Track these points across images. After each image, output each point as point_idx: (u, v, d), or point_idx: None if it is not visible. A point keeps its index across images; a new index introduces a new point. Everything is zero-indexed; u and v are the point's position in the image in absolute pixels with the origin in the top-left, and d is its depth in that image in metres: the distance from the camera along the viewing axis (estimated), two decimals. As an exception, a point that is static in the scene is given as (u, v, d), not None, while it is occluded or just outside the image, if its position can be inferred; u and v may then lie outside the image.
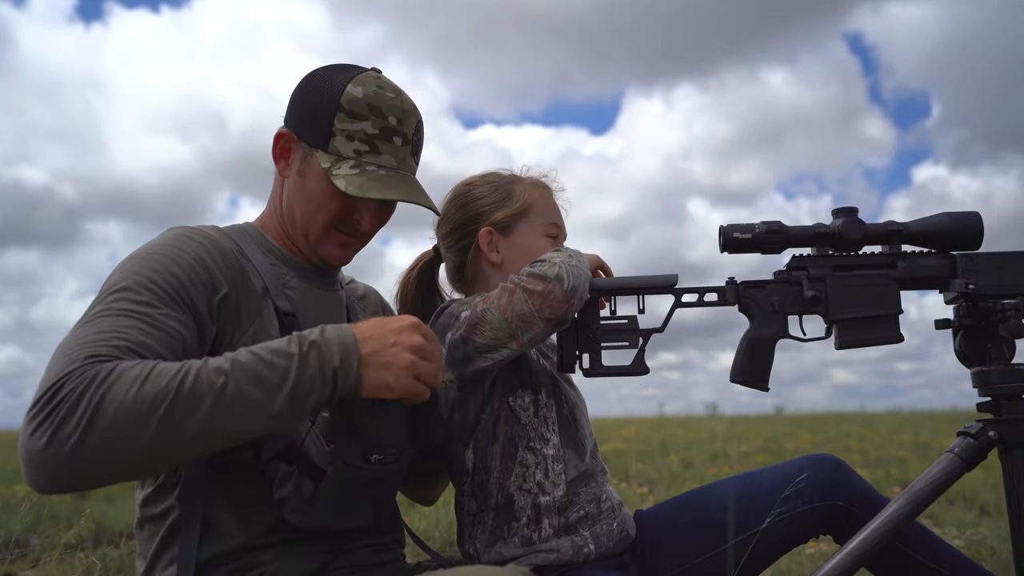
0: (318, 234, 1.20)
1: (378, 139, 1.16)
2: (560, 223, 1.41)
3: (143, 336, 0.94)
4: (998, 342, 1.26)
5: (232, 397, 0.87)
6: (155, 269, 1.03)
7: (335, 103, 1.15)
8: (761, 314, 1.29)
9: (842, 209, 1.29)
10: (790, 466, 1.36)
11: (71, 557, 2.70)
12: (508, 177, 1.41)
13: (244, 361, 0.90)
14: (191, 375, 0.87)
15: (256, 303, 1.13)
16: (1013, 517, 1.23)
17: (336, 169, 1.14)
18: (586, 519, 1.26)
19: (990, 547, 2.33)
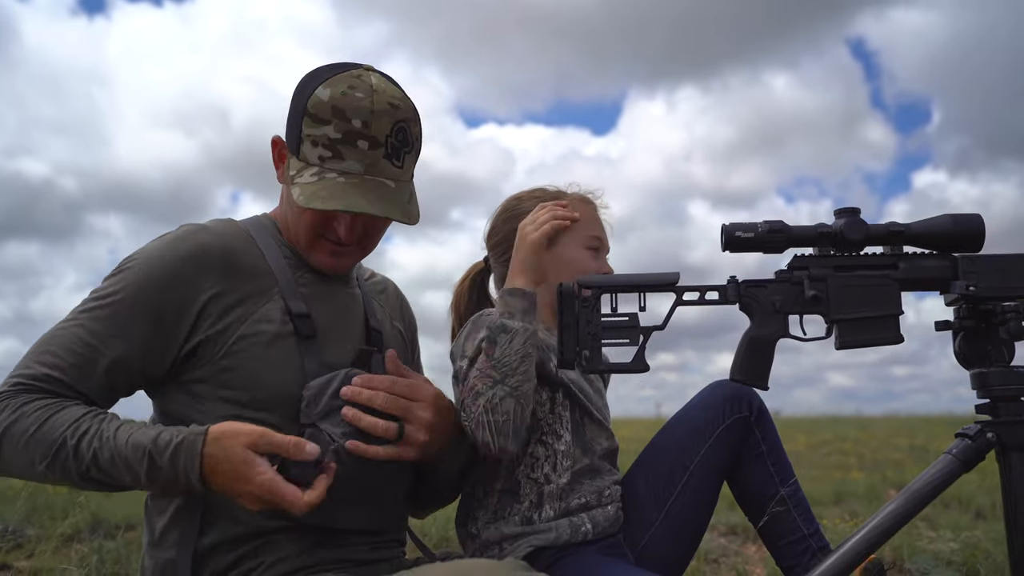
0: (307, 242, 1.19)
1: (340, 144, 1.11)
2: (603, 236, 1.46)
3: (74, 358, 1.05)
4: (998, 344, 1.26)
5: (91, 482, 1.01)
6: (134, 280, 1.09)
7: (303, 107, 1.12)
8: (762, 313, 1.29)
9: (844, 209, 1.29)
10: (703, 394, 1.44)
11: (67, 548, 2.69)
12: (554, 192, 1.48)
13: (105, 459, 0.99)
14: (63, 453, 0.99)
15: (259, 295, 1.13)
16: (1009, 519, 1.23)
17: (298, 177, 1.12)
18: (586, 506, 1.31)
19: (985, 550, 2.33)
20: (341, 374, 1.11)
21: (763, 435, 1.41)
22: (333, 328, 1.19)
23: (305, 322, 1.14)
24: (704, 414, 1.41)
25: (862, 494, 3.91)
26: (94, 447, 0.99)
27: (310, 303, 1.17)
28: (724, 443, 1.39)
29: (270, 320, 1.12)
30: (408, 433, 1.08)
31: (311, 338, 1.14)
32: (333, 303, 1.22)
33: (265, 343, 1.11)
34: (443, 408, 1.15)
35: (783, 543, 1.38)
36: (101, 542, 2.56)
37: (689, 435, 1.40)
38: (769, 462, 1.40)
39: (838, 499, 3.86)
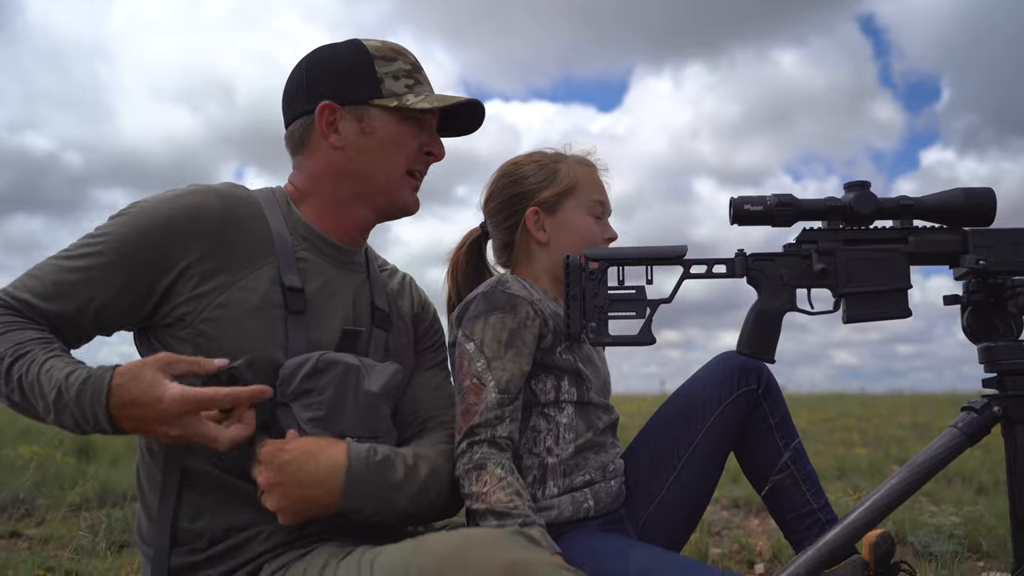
0: (398, 181, 1.23)
1: (414, 73, 1.23)
2: (605, 200, 1.43)
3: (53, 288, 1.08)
4: (1006, 318, 1.26)
5: (27, 400, 1.03)
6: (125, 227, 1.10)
7: (367, 54, 1.21)
8: (769, 286, 1.29)
9: (854, 183, 1.28)
10: (708, 367, 1.41)
11: (75, 517, 2.73)
12: (553, 156, 1.44)
13: (27, 383, 1.02)
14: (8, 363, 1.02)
15: (248, 264, 1.13)
16: (1013, 491, 1.24)
17: (405, 101, 1.19)
18: (590, 483, 1.30)
19: (987, 524, 2.35)
20: (314, 357, 1.09)
21: (771, 408, 1.39)
22: (325, 307, 1.19)
23: (296, 296, 1.14)
24: (710, 387, 1.38)
25: (865, 469, 3.93)
26: (22, 371, 1.02)
27: (305, 279, 1.17)
28: (730, 416, 1.37)
29: (254, 290, 1.12)
30: (262, 501, 1.05)
31: (300, 313, 1.14)
32: (329, 282, 1.21)
33: (245, 312, 1.10)
34: (286, 464, 1.04)
35: (791, 516, 1.37)
36: (109, 510, 2.59)
37: (694, 407, 1.38)
38: (778, 435, 1.39)
39: (841, 474, 3.88)
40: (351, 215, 1.24)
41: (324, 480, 1.04)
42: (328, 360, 1.10)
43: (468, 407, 1.23)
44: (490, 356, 1.25)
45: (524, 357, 1.27)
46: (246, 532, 1.09)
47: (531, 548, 0.91)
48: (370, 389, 1.12)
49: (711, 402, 1.37)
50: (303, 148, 1.23)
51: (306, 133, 1.22)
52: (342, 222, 1.24)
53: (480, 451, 1.20)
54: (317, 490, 1.04)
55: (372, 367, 1.15)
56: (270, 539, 1.09)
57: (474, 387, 1.24)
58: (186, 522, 1.09)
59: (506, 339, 1.26)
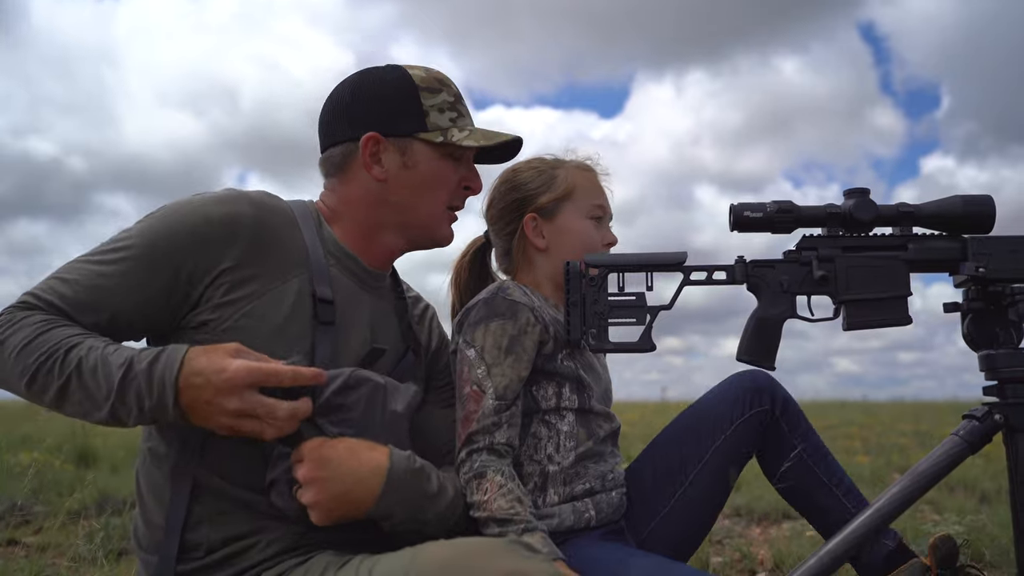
0: (439, 216, 1.24)
1: (457, 105, 1.24)
2: (604, 204, 1.43)
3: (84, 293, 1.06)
4: (1006, 326, 1.26)
5: (71, 395, 1.00)
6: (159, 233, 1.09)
7: (413, 85, 1.21)
8: (769, 293, 1.28)
9: (854, 190, 1.28)
10: (722, 386, 1.40)
11: (74, 524, 2.72)
12: (551, 162, 1.44)
13: (86, 370, 0.99)
14: (51, 360, 0.99)
15: (280, 274, 1.13)
16: (1015, 501, 1.23)
17: (451, 136, 1.20)
18: (590, 492, 1.30)
19: (990, 534, 2.34)
20: (345, 373, 1.09)
21: (791, 428, 1.37)
22: (349, 324, 1.19)
23: (327, 308, 1.14)
24: (723, 405, 1.37)
25: (867, 477, 3.91)
26: (81, 355, 0.99)
27: (333, 290, 1.17)
28: (741, 436, 1.35)
29: (283, 302, 1.12)
30: (299, 495, 1.04)
31: (329, 324, 1.14)
32: (353, 301, 1.21)
33: (272, 324, 1.10)
34: (329, 459, 1.03)
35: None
36: (108, 518, 2.58)
37: (705, 425, 1.36)
38: (811, 462, 1.37)
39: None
40: (382, 242, 1.24)
41: (365, 478, 1.04)
42: (359, 377, 1.09)
43: (467, 414, 1.24)
44: (490, 363, 1.25)
45: (523, 363, 1.27)
46: (245, 541, 1.09)
47: (530, 557, 0.91)
48: (395, 409, 1.12)
49: (723, 420, 1.35)
50: (341, 173, 1.23)
51: (347, 160, 1.21)
52: (372, 247, 1.24)
53: (480, 459, 1.20)
54: (357, 488, 1.04)
55: (396, 387, 1.15)
56: (269, 548, 1.09)
57: (474, 394, 1.24)
58: (185, 531, 1.08)
59: (506, 345, 1.26)
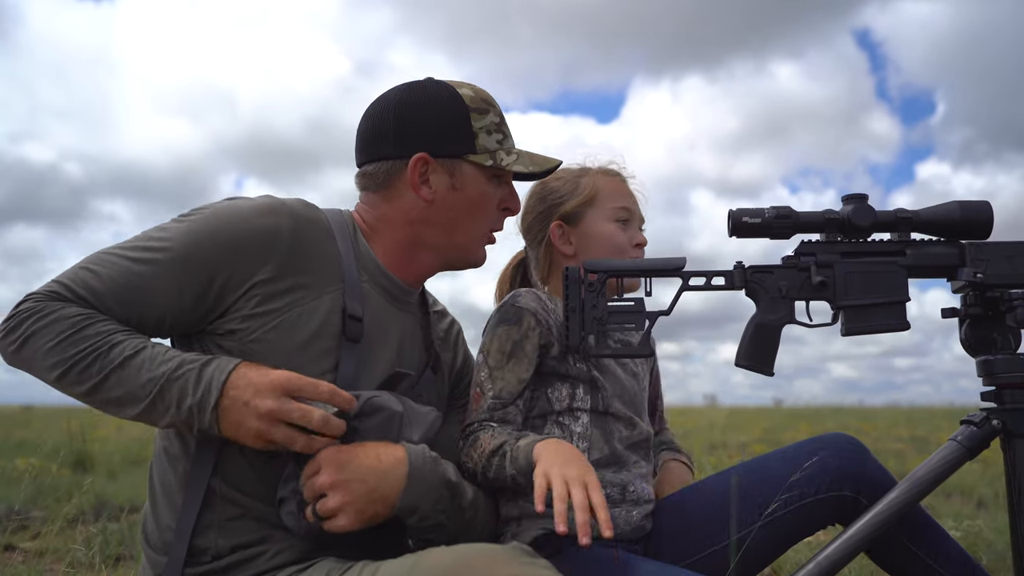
0: (480, 238, 1.25)
1: (503, 126, 1.24)
2: (631, 207, 1.43)
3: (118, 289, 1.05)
4: (1004, 332, 1.26)
5: (107, 389, 1.01)
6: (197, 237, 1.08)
7: (464, 107, 1.20)
8: (768, 299, 1.29)
9: (852, 196, 1.29)
10: (800, 450, 1.32)
11: (71, 530, 2.71)
12: (577, 170, 1.45)
13: (130, 365, 1.01)
14: (92, 355, 1.00)
15: (314, 288, 1.12)
16: (1013, 506, 1.23)
17: (500, 160, 1.21)
18: (607, 500, 1.23)
19: (986, 539, 2.34)
20: (362, 399, 1.08)
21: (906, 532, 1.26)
22: (376, 342, 1.19)
23: (356, 325, 1.14)
24: (795, 478, 1.27)
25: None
26: (126, 353, 1.01)
27: (363, 307, 1.17)
28: (808, 515, 1.26)
29: (316, 316, 1.11)
30: (321, 505, 1.02)
31: (356, 342, 1.14)
32: (383, 319, 1.21)
33: (301, 339, 1.10)
34: (347, 461, 1.03)
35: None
36: (105, 524, 2.58)
37: (766, 490, 1.27)
38: (922, 552, 1.27)
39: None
40: (419, 260, 1.24)
41: (388, 472, 1.04)
42: (375, 405, 1.09)
43: (468, 414, 1.28)
44: (493, 366, 1.27)
45: (523, 366, 1.28)
46: (253, 549, 1.09)
47: (531, 563, 0.91)
48: (410, 438, 1.11)
49: (791, 494, 1.26)
50: (385, 190, 1.21)
51: (392, 177, 1.20)
52: (407, 265, 1.24)
53: (472, 435, 1.23)
54: (382, 484, 1.04)
55: (415, 413, 1.14)
56: (276, 558, 1.09)
57: (475, 396, 1.28)
58: (194, 536, 1.08)
59: (509, 350, 1.28)
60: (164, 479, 1.12)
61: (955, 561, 1.27)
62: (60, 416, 6.87)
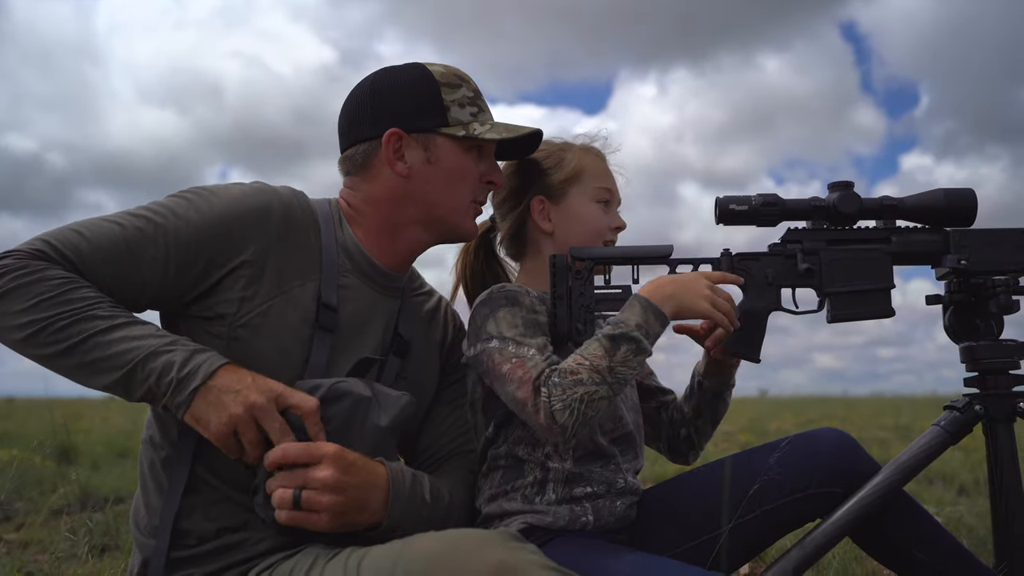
0: (463, 210, 1.24)
1: (477, 100, 1.24)
2: (612, 187, 1.39)
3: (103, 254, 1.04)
4: (987, 318, 1.27)
5: (83, 352, 0.99)
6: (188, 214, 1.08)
7: (434, 81, 1.21)
8: (755, 286, 1.29)
9: (838, 183, 1.30)
10: (791, 445, 1.29)
11: (56, 521, 2.69)
12: (560, 144, 1.40)
13: (115, 334, 0.99)
14: (71, 318, 0.99)
15: (298, 276, 1.13)
16: (994, 491, 1.25)
17: (473, 130, 1.20)
18: (592, 496, 1.24)
19: (967, 524, 2.38)
20: (326, 385, 1.07)
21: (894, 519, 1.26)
22: (358, 333, 1.19)
23: (329, 314, 1.14)
24: (785, 470, 1.25)
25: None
26: (118, 321, 1.00)
27: (343, 298, 1.17)
28: (797, 509, 1.25)
29: (298, 305, 1.12)
30: (307, 498, 1.00)
31: (329, 331, 1.14)
32: (367, 308, 1.21)
33: (286, 326, 1.11)
34: (351, 464, 1.03)
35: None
36: (90, 515, 2.56)
37: (752, 483, 1.25)
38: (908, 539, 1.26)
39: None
40: (406, 238, 1.24)
41: (375, 485, 1.05)
42: (340, 391, 1.07)
43: (521, 380, 1.15)
44: (516, 338, 1.19)
45: (541, 339, 1.21)
46: (238, 535, 1.09)
47: (519, 548, 0.91)
48: (378, 423, 1.09)
49: (781, 487, 1.25)
50: (364, 171, 1.22)
51: (369, 157, 1.21)
52: (394, 245, 1.23)
53: (551, 378, 1.13)
54: (371, 496, 1.04)
55: (385, 398, 1.12)
56: (261, 544, 1.10)
57: (517, 364, 1.16)
58: (180, 519, 1.09)
59: (522, 323, 1.21)
60: (151, 466, 1.13)
61: (944, 549, 1.27)
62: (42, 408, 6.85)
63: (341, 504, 1.01)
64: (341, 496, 1.01)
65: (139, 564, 1.11)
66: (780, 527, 1.29)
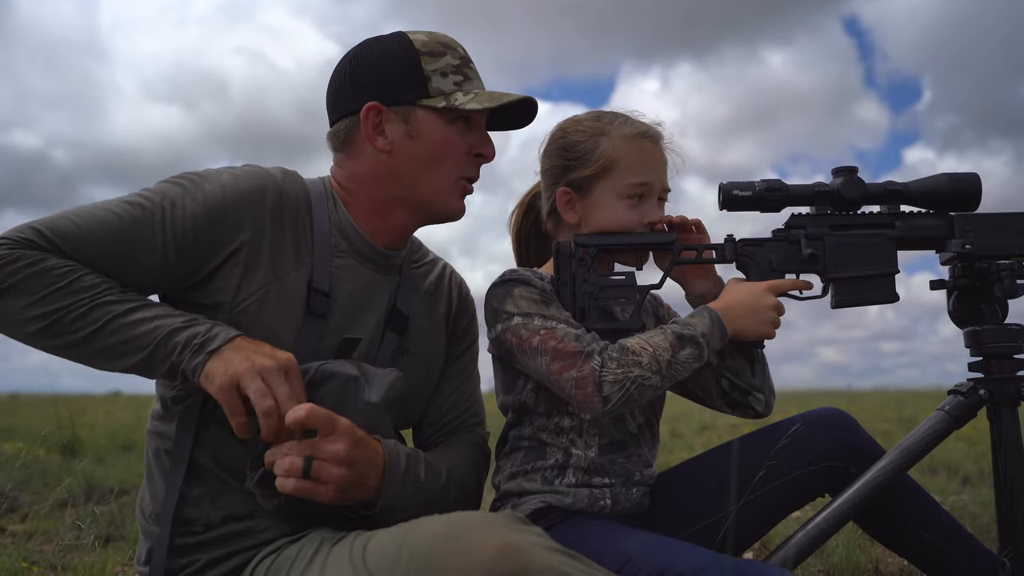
0: (449, 187, 1.19)
1: (463, 68, 1.18)
2: (650, 181, 1.29)
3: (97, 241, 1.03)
4: (991, 302, 1.27)
5: (104, 337, 0.99)
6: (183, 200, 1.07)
7: (414, 51, 1.16)
8: (759, 272, 1.29)
9: (842, 168, 1.29)
10: (791, 424, 1.31)
11: (60, 512, 2.70)
12: (600, 127, 1.31)
13: (134, 316, 1.00)
14: (87, 305, 0.99)
15: (293, 260, 1.12)
16: (998, 475, 1.25)
17: (454, 101, 1.15)
18: (610, 486, 1.25)
19: (971, 512, 2.38)
20: (312, 368, 1.07)
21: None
22: (356, 314, 1.18)
23: (320, 300, 1.13)
24: (787, 449, 1.27)
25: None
26: (131, 305, 1.00)
27: (336, 281, 1.16)
28: (799, 487, 1.27)
29: (294, 290, 1.12)
30: (318, 468, 0.99)
31: (320, 317, 1.13)
32: (365, 288, 1.19)
33: (282, 311, 1.10)
34: (360, 440, 1.03)
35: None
36: (95, 506, 2.57)
37: (757, 463, 1.26)
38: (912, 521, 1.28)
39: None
40: (393, 218, 1.21)
41: (375, 462, 1.05)
42: (326, 372, 1.07)
43: (556, 351, 1.14)
44: (540, 312, 1.19)
45: (565, 312, 1.21)
46: (244, 523, 1.10)
47: (524, 530, 0.91)
48: (370, 400, 1.09)
49: (781, 467, 1.27)
50: (347, 147, 1.20)
51: (351, 133, 1.18)
52: (385, 224, 1.21)
53: (608, 351, 1.14)
54: (371, 471, 1.05)
55: (373, 376, 1.11)
56: (268, 531, 1.10)
57: (548, 335, 1.16)
58: (187, 507, 1.09)
59: (540, 299, 1.21)
60: (156, 455, 1.14)
61: (945, 529, 1.29)
62: (47, 404, 6.84)
63: (347, 479, 1.01)
64: (350, 470, 1.01)
65: (145, 551, 1.12)
66: (783, 505, 1.30)
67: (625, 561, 1.08)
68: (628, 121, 1.32)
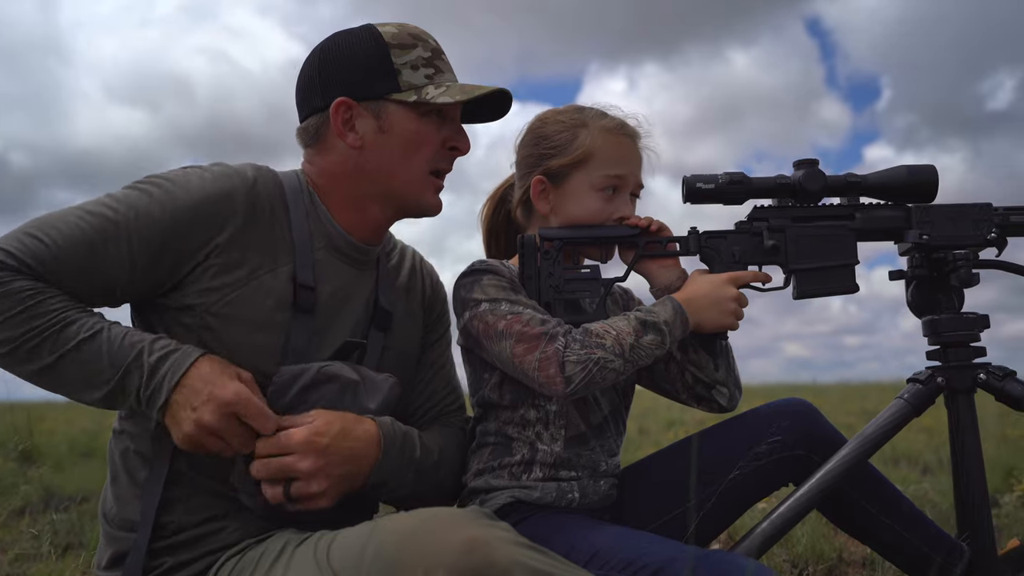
0: (421, 182, 1.18)
1: (435, 60, 1.17)
2: (624, 174, 1.30)
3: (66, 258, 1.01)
4: (948, 292, 1.30)
5: (60, 371, 0.98)
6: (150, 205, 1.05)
7: (383, 44, 1.14)
8: (722, 264, 1.30)
9: (803, 161, 1.31)
10: (757, 416, 1.33)
11: (17, 521, 2.63)
12: (579, 119, 1.31)
13: (88, 349, 0.98)
14: (44, 334, 0.97)
15: (268, 260, 1.10)
16: (956, 462, 1.27)
17: (425, 95, 1.13)
18: (577, 479, 1.25)
19: (931, 500, 2.43)
20: (313, 369, 1.06)
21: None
22: (337, 312, 1.16)
23: (307, 294, 1.11)
24: (751, 439, 1.29)
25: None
26: (82, 335, 0.98)
27: (319, 276, 1.14)
28: (763, 477, 1.28)
29: (271, 291, 1.09)
30: (297, 490, 1.01)
31: (308, 313, 1.11)
32: (344, 286, 1.18)
33: (260, 314, 1.08)
34: (324, 448, 1.02)
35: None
36: (54, 515, 2.50)
37: (722, 454, 1.29)
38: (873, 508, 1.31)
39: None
40: (369, 213, 1.19)
41: (362, 453, 1.06)
42: (327, 374, 1.06)
43: (521, 334, 1.15)
44: (507, 297, 1.20)
45: (532, 300, 1.22)
46: (216, 523, 1.08)
47: (491, 525, 0.90)
48: (367, 407, 1.09)
49: (749, 455, 1.28)
50: (317, 144, 1.18)
51: (321, 130, 1.16)
52: (361, 219, 1.20)
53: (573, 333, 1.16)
54: (359, 463, 1.06)
55: (372, 382, 1.11)
56: (234, 533, 1.09)
57: (514, 319, 1.17)
58: (159, 514, 1.07)
59: (507, 286, 1.22)
60: (123, 455, 1.11)
61: (906, 516, 1.32)
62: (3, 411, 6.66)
63: (332, 483, 1.03)
64: (329, 478, 1.02)
65: (108, 557, 1.09)
66: (748, 495, 1.31)
67: (593, 554, 1.08)
68: (608, 115, 1.33)
